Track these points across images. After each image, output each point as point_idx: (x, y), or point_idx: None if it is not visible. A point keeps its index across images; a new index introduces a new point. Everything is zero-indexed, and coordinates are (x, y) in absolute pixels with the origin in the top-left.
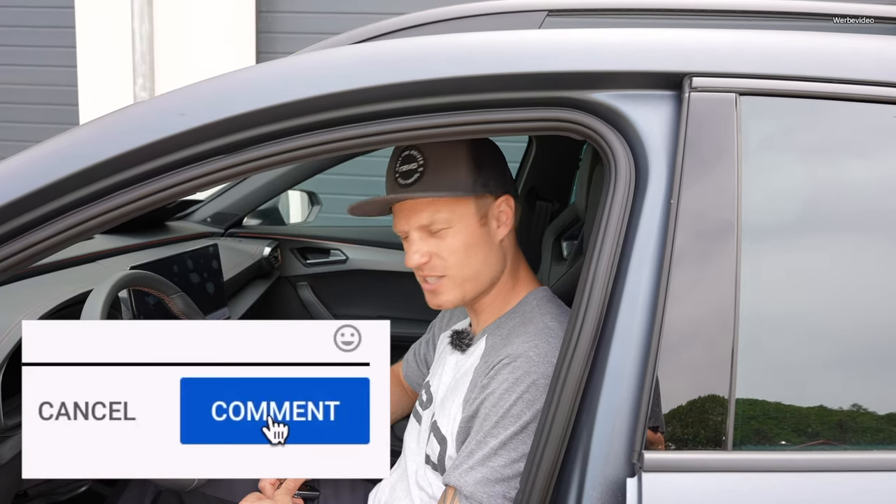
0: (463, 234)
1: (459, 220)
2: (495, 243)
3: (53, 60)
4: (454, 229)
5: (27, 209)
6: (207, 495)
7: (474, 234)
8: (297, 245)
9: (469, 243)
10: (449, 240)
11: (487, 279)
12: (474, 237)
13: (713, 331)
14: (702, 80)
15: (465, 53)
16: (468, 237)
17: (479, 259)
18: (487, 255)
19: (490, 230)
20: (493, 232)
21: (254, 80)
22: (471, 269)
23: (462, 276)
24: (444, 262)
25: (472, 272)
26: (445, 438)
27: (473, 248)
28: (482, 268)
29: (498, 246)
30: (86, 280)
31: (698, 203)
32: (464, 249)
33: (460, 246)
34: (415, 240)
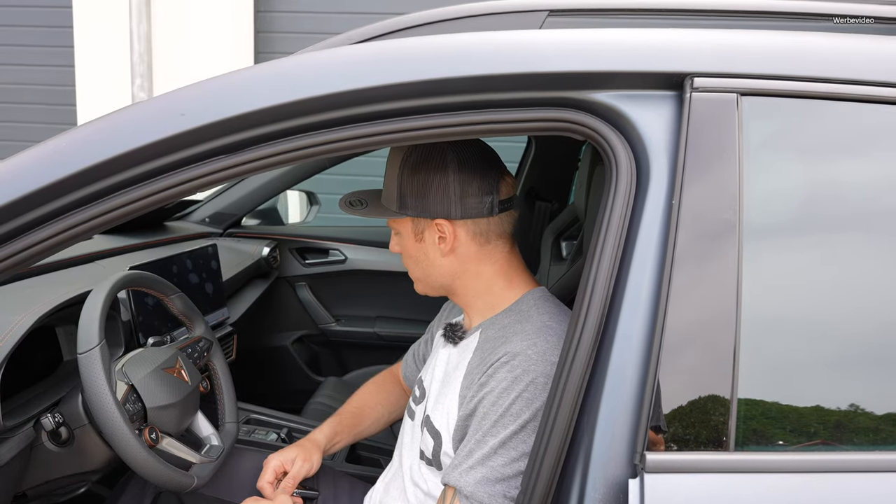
0: (405, 243)
1: (401, 231)
2: (436, 258)
3: (51, 60)
4: (402, 236)
5: (27, 209)
6: (207, 496)
7: (412, 246)
8: (296, 245)
9: (409, 253)
10: (401, 244)
11: (436, 284)
12: (413, 249)
13: (715, 331)
14: (703, 80)
15: (466, 54)
16: (408, 248)
17: (420, 268)
18: (427, 267)
19: (427, 246)
20: (431, 248)
21: (254, 81)
22: (416, 272)
23: (414, 274)
24: (404, 259)
25: (418, 275)
26: (439, 433)
27: (414, 258)
28: (424, 276)
29: (441, 260)
30: (85, 280)
31: (700, 203)
32: (408, 256)
33: (406, 253)
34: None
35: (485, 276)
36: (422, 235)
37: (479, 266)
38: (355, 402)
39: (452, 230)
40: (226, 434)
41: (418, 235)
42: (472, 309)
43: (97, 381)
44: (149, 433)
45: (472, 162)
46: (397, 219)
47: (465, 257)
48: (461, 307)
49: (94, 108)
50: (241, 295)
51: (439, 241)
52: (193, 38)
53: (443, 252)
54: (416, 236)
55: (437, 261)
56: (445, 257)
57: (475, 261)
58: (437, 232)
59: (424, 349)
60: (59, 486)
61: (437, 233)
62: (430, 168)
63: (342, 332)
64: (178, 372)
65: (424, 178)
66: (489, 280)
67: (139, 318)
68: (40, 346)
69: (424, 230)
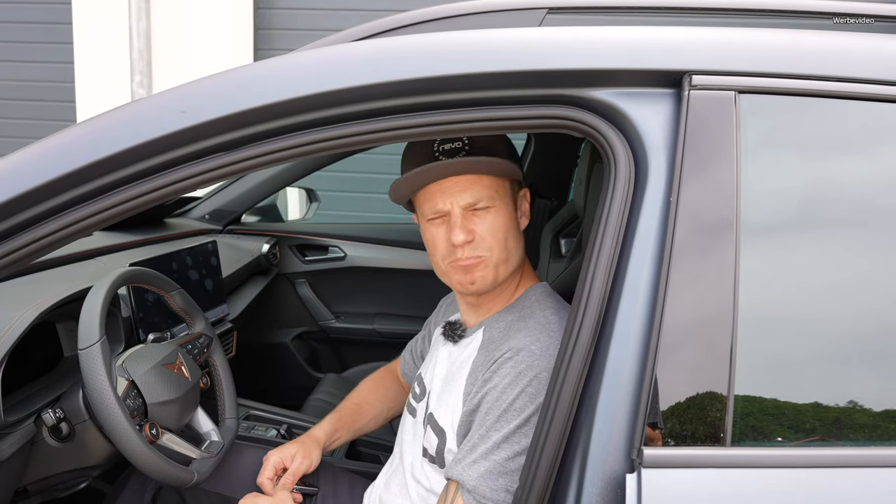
0: (503, 215)
1: (501, 199)
2: (520, 231)
3: (51, 57)
4: (495, 209)
5: (27, 206)
6: (207, 491)
7: (511, 217)
8: (296, 242)
9: (508, 225)
10: (490, 220)
11: (516, 264)
12: (511, 220)
13: (712, 328)
14: (701, 78)
15: (466, 51)
16: (507, 219)
17: (513, 242)
18: (518, 240)
19: (517, 217)
20: (518, 220)
21: (254, 78)
22: (506, 251)
23: (499, 257)
24: (485, 243)
25: (507, 255)
26: (444, 431)
27: (510, 231)
28: (514, 252)
29: (522, 234)
30: (85, 277)
31: (697, 200)
32: (503, 231)
33: (500, 227)
34: (458, 217)
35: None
36: (516, 204)
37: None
38: (354, 399)
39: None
40: (226, 430)
41: (515, 203)
42: (486, 303)
43: (98, 377)
44: (149, 429)
45: None
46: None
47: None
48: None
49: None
50: (241, 291)
51: (521, 214)
52: (193, 34)
53: (523, 225)
54: (514, 204)
55: (520, 236)
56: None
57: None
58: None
59: (422, 345)
60: (59, 481)
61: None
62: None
63: (341, 328)
64: (178, 368)
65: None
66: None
67: (139, 315)
68: (41, 343)
69: (517, 197)
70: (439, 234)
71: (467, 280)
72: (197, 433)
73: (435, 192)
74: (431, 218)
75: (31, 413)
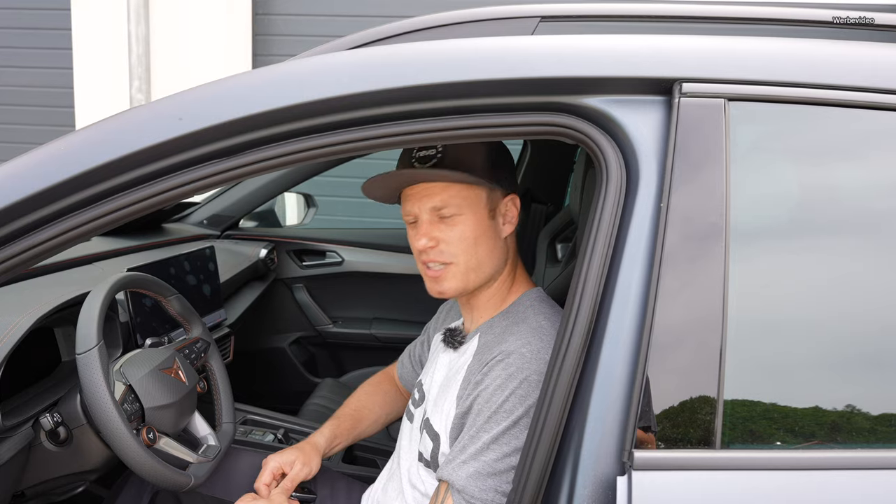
0: (472, 222)
1: (470, 208)
2: (500, 239)
3: (49, 62)
4: (464, 217)
5: (26, 212)
6: (204, 495)
7: (483, 224)
8: (294, 247)
9: (477, 233)
10: (458, 227)
11: (489, 272)
12: (482, 228)
13: (702, 332)
14: (691, 85)
15: (459, 59)
16: (477, 227)
17: (485, 250)
18: (492, 248)
19: (497, 225)
20: (499, 227)
21: (251, 85)
22: (476, 259)
23: (467, 265)
24: (451, 249)
25: (477, 262)
26: (438, 435)
27: (480, 239)
28: (486, 259)
29: (503, 242)
30: (83, 282)
31: (688, 206)
32: (472, 238)
33: (469, 234)
34: (424, 223)
35: (506, 269)
36: (494, 212)
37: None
38: (353, 405)
39: (517, 211)
40: (223, 434)
41: (491, 211)
42: (479, 308)
43: (95, 382)
44: (146, 433)
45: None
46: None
47: (509, 242)
48: (467, 307)
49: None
50: (239, 296)
51: (504, 222)
52: (191, 40)
53: (506, 232)
54: (490, 212)
55: (499, 244)
56: (504, 240)
57: (510, 250)
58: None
59: (420, 350)
60: (57, 485)
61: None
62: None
63: (339, 333)
64: (175, 372)
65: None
66: (506, 274)
67: (137, 319)
68: (39, 347)
69: (498, 205)
70: (411, 237)
71: (436, 290)
72: (194, 437)
73: (409, 196)
74: (406, 219)
75: (29, 417)
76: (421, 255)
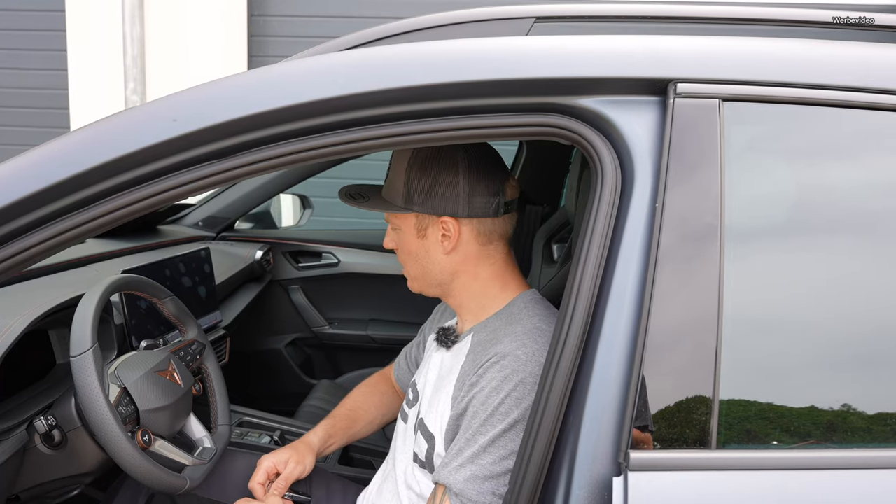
0: (405, 240)
1: (402, 227)
2: (437, 255)
3: (44, 64)
4: (402, 232)
5: (20, 214)
6: (200, 497)
7: (413, 243)
8: (289, 248)
9: (409, 250)
10: (400, 240)
11: (436, 282)
12: (413, 246)
13: (697, 332)
14: (686, 86)
15: (454, 60)
16: (408, 245)
17: (419, 266)
18: (426, 265)
19: (429, 244)
20: (433, 245)
21: (246, 86)
22: (413, 270)
23: (411, 273)
24: (400, 257)
25: (415, 273)
26: (433, 436)
27: (413, 255)
28: (422, 273)
29: (442, 258)
30: (78, 284)
31: (683, 206)
32: (407, 253)
33: (405, 249)
34: (388, 229)
35: (482, 276)
36: (425, 232)
37: (477, 266)
38: (348, 405)
39: (457, 228)
40: (218, 436)
41: (421, 232)
42: (465, 310)
43: (90, 384)
44: (141, 436)
45: (481, 162)
46: (401, 214)
47: (466, 256)
48: (454, 309)
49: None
50: (235, 298)
51: (442, 239)
52: (187, 41)
53: (445, 250)
54: (419, 232)
55: (438, 258)
56: (447, 255)
57: (475, 261)
58: (440, 229)
59: (416, 352)
60: (52, 488)
61: (441, 230)
62: (440, 166)
63: (335, 334)
64: (170, 375)
65: (434, 175)
66: (486, 281)
67: (132, 322)
68: (33, 350)
69: (428, 227)
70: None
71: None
72: (189, 440)
73: None
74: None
75: (23, 420)
76: None
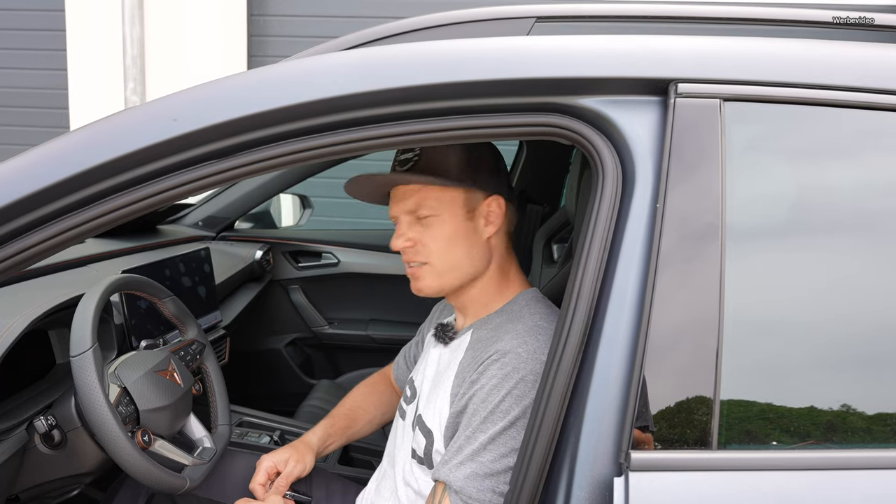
0: (448, 224)
1: (446, 209)
2: (481, 240)
3: (44, 64)
4: (440, 218)
5: (20, 213)
6: (200, 497)
7: (459, 226)
8: (289, 248)
9: (452, 234)
10: (434, 228)
11: (468, 273)
12: (459, 229)
13: (698, 332)
14: (687, 86)
15: (455, 59)
16: (452, 228)
17: (461, 251)
18: (470, 250)
19: (476, 226)
20: (479, 228)
21: (246, 86)
22: (452, 260)
23: (442, 265)
24: (426, 250)
25: (453, 263)
26: (431, 432)
27: (456, 240)
28: (463, 260)
29: (484, 243)
30: (78, 284)
31: (684, 207)
32: (447, 239)
33: (444, 235)
34: (402, 224)
35: (492, 270)
36: (472, 213)
37: (496, 258)
38: (348, 405)
39: (502, 212)
40: (218, 436)
41: (469, 212)
42: (468, 308)
43: (90, 384)
44: (141, 435)
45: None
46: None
47: (496, 245)
48: (457, 307)
49: (87, 112)
50: (234, 298)
51: (486, 223)
52: (186, 41)
53: (488, 233)
54: (468, 213)
55: (479, 245)
56: (487, 241)
57: (497, 251)
58: (486, 210)
59: (415, 351)
60: (52, 488)
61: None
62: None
63: (335, 334)
64: (170, 374)
65: (488, 152)
66: (493, 276)
67: (132, 322)
68: (33, 350)
69: (476, 207)
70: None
71: (415, 288)
72: (189, 440)
73: (392, 198)
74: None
75: (23, 420)
76: (401, 255)
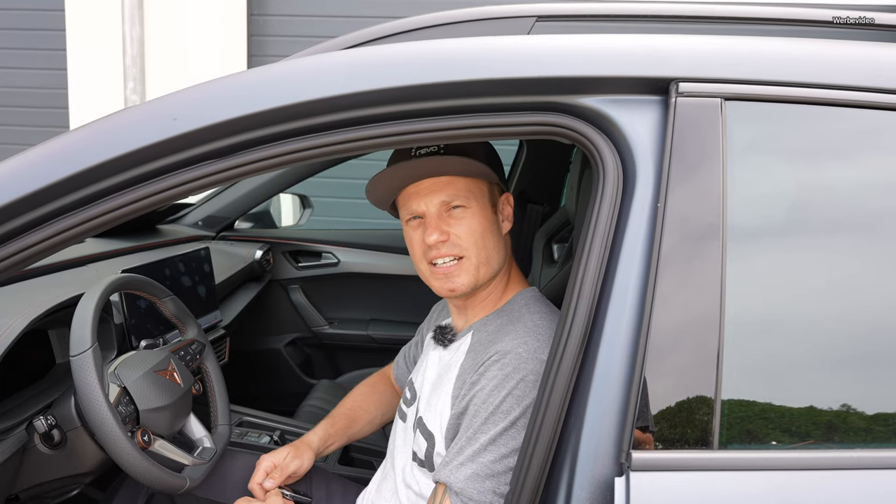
0: (480, 216)
1: (476, 200)
2: (502, 234)
3: (44, 63)
4: (472, 210)
5: (19, 213)
6: (200, 497)
7: (489, 218)
8: (289, 248)
9: (485, 226)
10: (467, 220)
11: (496, 267)
12: (489, 221)
13: (699, 332)
14: (688, 85)
15: (455, 59)
16: (484, 220)
17: (492, 244)
18: (497, 243)
19: (498, 220)
20: (500, 222)
21: (246, 85)
22: (486, 252)
23: (479, 258)
24: (462, 243)
25: (486, 256)
26: (433, 434)
27: (488, 232)
28: (494, 253)
29: (504, 238)
30: (77, 284)
31: (685, 206)
32: (480, 231)
33: (477, 227)
34: (433, 218)
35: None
36: (494, 208)
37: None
38: (348, 405)
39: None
40: (218, 436)
41: (493, 207)
42: (473, 307)
43: (90, 384)
44: (141, 435)
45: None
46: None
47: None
48: (461, 306)
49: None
50: (234, 298)
51: (503, 218)
52: (186, 41)
53: (505, 229)
54: (493, 207)
55: (502, 240)
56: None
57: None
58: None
59: (415, 351)
60: (51, 488)
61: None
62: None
63: (335, 334)
64: (170, 374)
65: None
66: (504, 273)
67: (132, 321)
68: (33, 349)
69: (496, 202)
70: (416, 237)
71: (447, 287)
72: (189, 439)
73: (412, 195)
74: (409, 220)
75: (23, 420)
76: (430, 252)
